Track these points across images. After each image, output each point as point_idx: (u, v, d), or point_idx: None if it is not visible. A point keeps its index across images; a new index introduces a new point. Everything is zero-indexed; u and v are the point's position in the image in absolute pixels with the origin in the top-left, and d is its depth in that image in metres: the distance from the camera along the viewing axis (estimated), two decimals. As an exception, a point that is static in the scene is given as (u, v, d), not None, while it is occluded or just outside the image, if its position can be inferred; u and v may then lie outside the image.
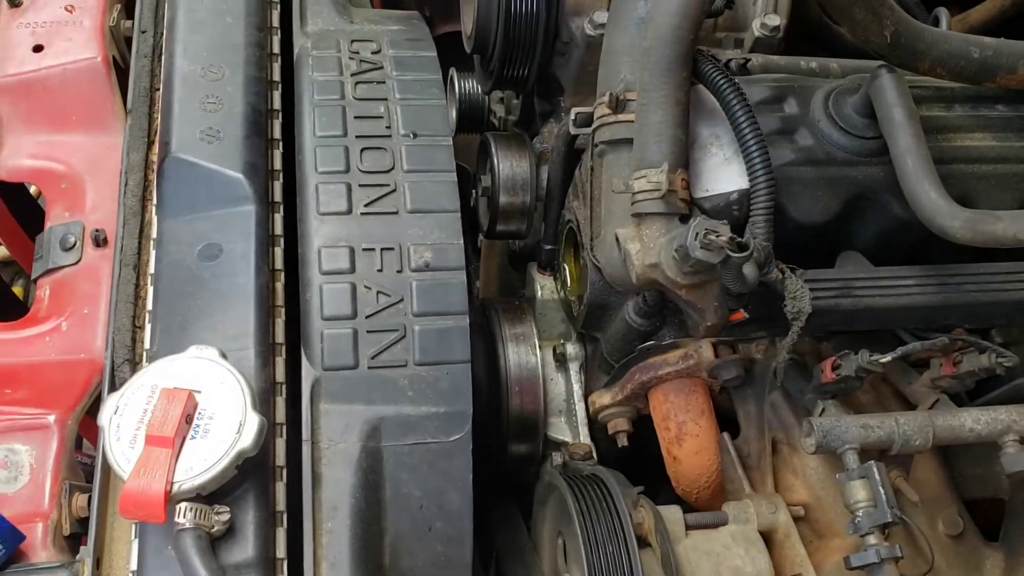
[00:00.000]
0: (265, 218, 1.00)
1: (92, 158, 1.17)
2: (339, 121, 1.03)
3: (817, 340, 1.15)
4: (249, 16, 1.11)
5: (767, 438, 1.14)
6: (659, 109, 0.95)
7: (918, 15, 1.41)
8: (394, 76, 1.07)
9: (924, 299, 1.03)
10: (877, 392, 1.15)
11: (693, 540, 1.02)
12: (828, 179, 1.04)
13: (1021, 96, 1.12)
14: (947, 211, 0.94)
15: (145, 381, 0.85)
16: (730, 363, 1.14)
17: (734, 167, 1.02)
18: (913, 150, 0.97)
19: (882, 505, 0.93)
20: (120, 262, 1.00)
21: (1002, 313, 1.07)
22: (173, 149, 1.00)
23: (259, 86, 1.07)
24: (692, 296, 0.95)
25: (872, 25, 0.99)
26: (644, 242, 0.96)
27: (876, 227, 1.07)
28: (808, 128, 1.06)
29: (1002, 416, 1.00)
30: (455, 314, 0.94)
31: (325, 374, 0.91)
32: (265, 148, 1.04)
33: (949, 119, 1.10)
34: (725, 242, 0.85)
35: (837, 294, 1.01)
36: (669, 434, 1.18)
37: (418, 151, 1.02)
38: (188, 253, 0.96)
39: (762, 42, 1.27)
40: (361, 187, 0.99)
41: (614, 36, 1.08)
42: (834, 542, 1.06)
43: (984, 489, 1.15)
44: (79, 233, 1.11)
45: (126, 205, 1.03)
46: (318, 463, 0.88)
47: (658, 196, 0.94)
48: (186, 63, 1.06)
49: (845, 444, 0.97)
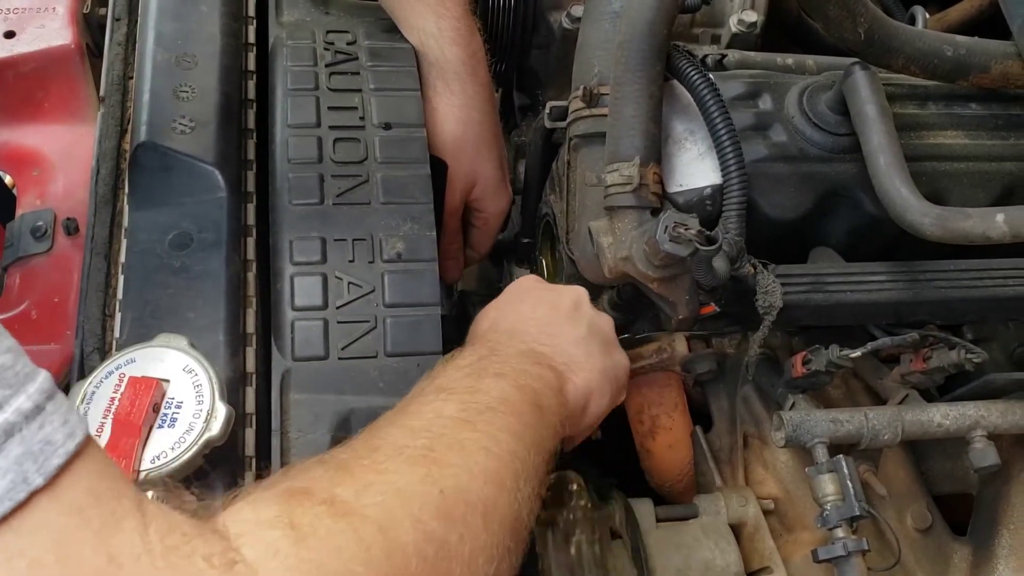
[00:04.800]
0: (237, 208, 0.99)
1: (64, 146, 1.16)
2: (312, 111, 1.02)
3: (789, 335, 1.16)
4: (224, 5, 1.10)
5: (739, 432, 1.15)
6: (632, 103, 0.95)
7: (896, 13, 1.43)
8: (369, 67, 1.07)
9: (895, 295, 1.03)
10: (848, 387, 1.15)
11: (663, 532, 1.02)
12: (801, 175, 1.05)
13: (994, 95, 1.13)
14: (918, 208, 0.94)
15: (113, 369, 0.85)
16: (703, 357, 1.15)
17: (708, 162, 1.02)
18: (885, 147, 0.98)
19: (850, 499, 0.94)
20: (91, 251, 0.99)
21: (972, 310, 1.08)
22: (145, 137, 0.99)
23: (234, 75, 1.07)
24: (663, 289, 0.95)
25: (846, 22, 1.00)
26: (616, 235, 0.96)
27: (848, 223, 1.08)
28: (782, 124, 1.06)
29: (970, 412, 1.02)
30: (427, 305, 0.94)
31: (295, 365, 0.91)
32: (239, 138, 1.04)
33: (922, 117, 1.10)
34: (694, 235, 0.86)
35: (808, 289, 1.01)
36: (643, 427, 1.19)
37: (392, 142, 1.02)
38: (159, 242, 0.95)
39: (739, 38, 1.28)
40: (333, 178, 0.98)
41: (589, 30, 1.08)
42: (803, 535, 1.07)
43: (953, 484, 1.17)
44: (50, 221, 1.10)
45: (98, 194, 1.03)
46: (287, 454, 0.88)
47: (630, 190, 0.94)
48: (160, 51, 1.05)
49: (814, 438, 0.98)
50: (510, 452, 0.72)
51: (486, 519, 0.66)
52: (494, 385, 0.79)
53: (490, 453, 0.71)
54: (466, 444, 0.71)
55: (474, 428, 0.73)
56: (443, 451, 0.69)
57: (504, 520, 0.68)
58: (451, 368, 0.82)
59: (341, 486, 0.62)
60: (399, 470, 0.65)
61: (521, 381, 0.81)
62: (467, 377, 0.80)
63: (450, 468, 0.67)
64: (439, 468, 0.67)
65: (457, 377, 0.81)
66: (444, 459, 0.68)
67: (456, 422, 0.73)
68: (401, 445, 0.69)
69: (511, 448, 0.73)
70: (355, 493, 0.61)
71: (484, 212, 1.21)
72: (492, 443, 0.72)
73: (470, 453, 0.70)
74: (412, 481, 0.65)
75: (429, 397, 0.77)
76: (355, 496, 0.61)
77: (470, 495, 0.67)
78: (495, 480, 0.69)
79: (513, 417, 0.76)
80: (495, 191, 1.19)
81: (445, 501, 0.64)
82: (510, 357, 0.85)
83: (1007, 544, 1.08)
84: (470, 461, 0.69)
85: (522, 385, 0.81)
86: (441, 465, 0.67)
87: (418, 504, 0.63)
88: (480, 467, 0.69)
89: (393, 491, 0.63)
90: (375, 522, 0.59)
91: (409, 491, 0.64)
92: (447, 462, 0.68)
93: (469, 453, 0.70)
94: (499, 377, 0.81)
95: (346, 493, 0.61)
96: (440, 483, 0.65)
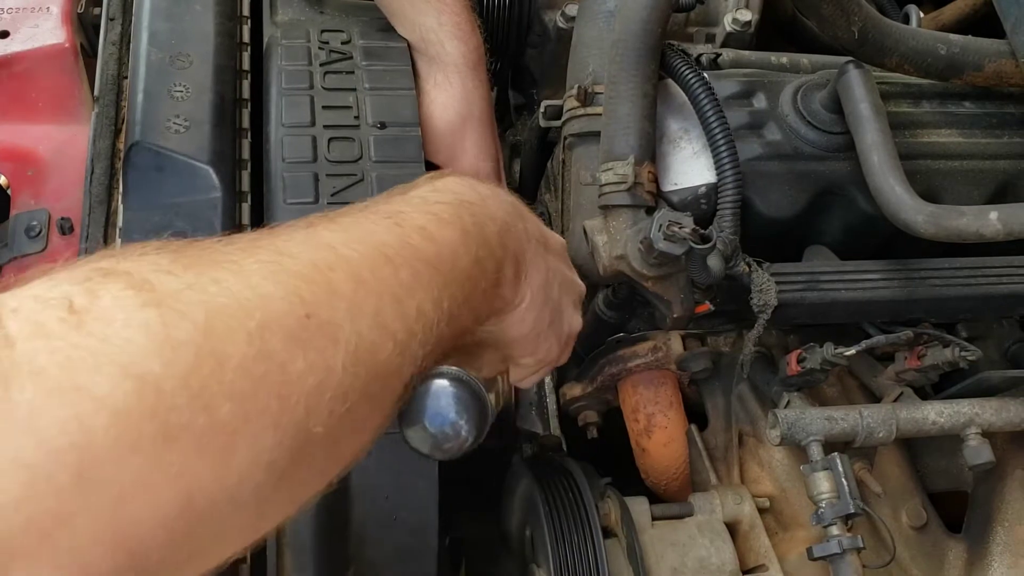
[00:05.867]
0: (232, 208, 0.99)
1: (59, 145, 1.15)
2: (307, 110, 1.02)
3: (784, 333, 1.16)
4: (218, 4, 1.10)
5: (734, 430, 1.15)
6: (627, 102, 0.95)
7: (890, 12, 1.43)
8: (364, 66, 1.07)
9: (889, 293, 1.03)
10: (843, 385, 1.16)
11: (659, 531, 1.02)
12: (796, 174, 1.05)
13: (988, 93, 1.13)
14: (911, 206, 0.94)
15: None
16: (699, 355, 1.15)
17: (703, 161, 1.02)
18: (879, 145, 0.98)
19: (845, 496, 0.94)
20: (86, 251, 0.99)
21: (967, 308, 1.08)
22: (140, 137, 0.99)
23: (228, 75, 1.07)
24: (658, 288, 0.96)
25: (839, 20, 1.00)
26: (611, 234, 0.96)
27: (843, 222, 1.08)
28: (776, 123, 1.06)
29: (965, 409, 1.02)
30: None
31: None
32: (233, 137, 1.04)
33: (916, 115, 1.11)
34: (688, 234, 0.86)
35: (803, 287, 1.01)
36: (638, 426, 1.19)
37: (386, 142, 1.02)
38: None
39: (734, 37, 1.28)
40: (328, 177, 0.98)
41: (583, 29, 1.09)
42: (799, 533, 1.07)
43: (948, 482, 1.17)
44: (45, 221, 1.10)
45: (92, 193, 1.03)
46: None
47: (624, 188, 0.94)
48: (154, 51, 1.05)
49: (809, 436, 0.98)
50: (418, 309, 0.60)
51: (353, 360, 0.54)
52: (442, 234, 0.66)
53: (397, 303, 0.59)
54: (369, 283, 0.58)
55: (395, 270, 0.60)
56: (340, 281, 0.56)
57: (376, 369, 0.56)
58: (414, 198, 0.70)
59: (171, 275, 0.48)
60: (266, 279, 0.52)
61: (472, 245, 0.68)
62: (422, 214, 0.67)
63: (337, 300, 0.55)
64: (321, 295, 0.54)
65: (413, 208, 0.68)
66: (336, 288, 0.55)
67: (377, 254, 0.60)
68: (290, 254, 0.55)
69: (419, 305, 0.60)
70: (185, 285, 0.48)
71: None
72: (405, 292, 0.59)
73: (368, 295, 0.57)
74: (273, 293, 0.51)
75: (370, 215, 0.65)
76: (182, 287, 0.48)
77: (342, 333, 0.54)
78: (386, 331, 0.57)
79: (440, 276, 0.63)
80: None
81: (305, 328, 0.52)
82: (481, 214, 0.72)
83: (1002, 541, 1.08)
84: (365, 304, 0.56)
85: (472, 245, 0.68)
86: (326, 293, 0.54)
87: (268, 318, 0.50)
88: (371, 313, 0.56)
89: (241, 296, 0.50)
90: (195, 321, 0.47)
91: (262, 301, 0.50)
92: (337, 292, 0.55)
93: (367, 294, 0.57)
94: (453, 228, 0.67)
95: (171, 283, 0.48)
96: (310, 308, 0.53)
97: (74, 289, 0.45)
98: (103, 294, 0.45)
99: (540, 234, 0.82)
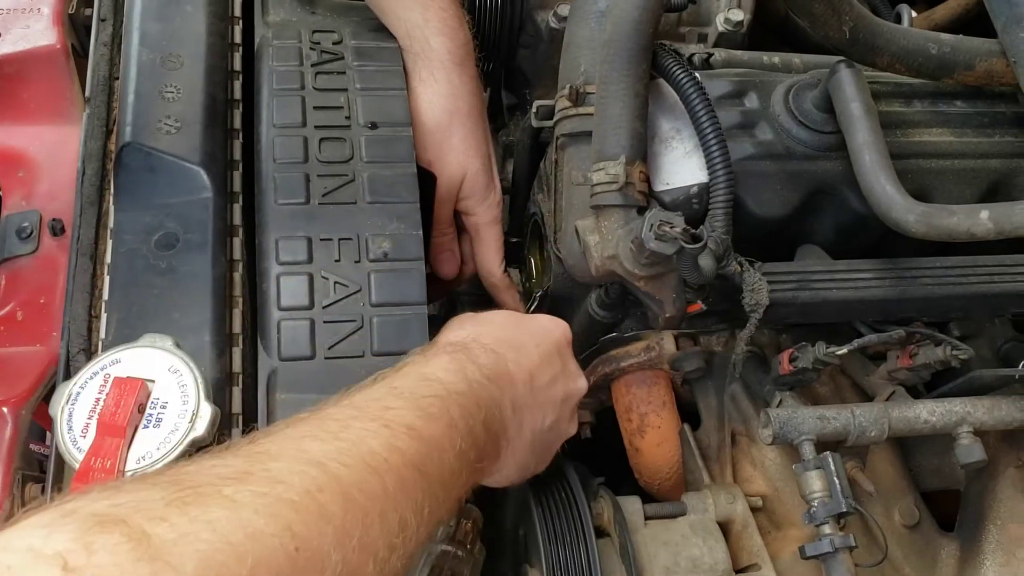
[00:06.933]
0: (224, 208, 0.99)
1: (50, 147, 1.15)
2: (298, 111, 1.02)
3: (777, 332, 1.16)
4: (210, 5, 1.10)
5: (727, 430, 1.15)
6: (618, 102, 0.95)
7: (882, 12, 1.43)
8: (355, 67, 1.07)
9: (881, 292, 1.04)
10: (835, 384, 1.16)
11: (651, 530, 1.02)
12: (787, 173, 1.05)
13: (979, 92, 1.13)
14: (903, 205, 0.94)
15: (98, 370, 0.85)
16: (691, 355, 1.15)
17: (694, 161, 1.02)
18: (870, 145, 0.98)
19: (837, 495, 0.94)
20: (77, 252, 0.99)
21: (958, 306, 1.08)
22: (131, 138, 0.99)
23: (219, 75, 1.07)
24: (650, 287, 0.96)
25: (831, 20, 1.00)
26: (603, 234, 0.96)
27: (835, 221, 1.08)
28: (768, 122, 1.06)
29: (956, 408, 1.02)
30: (413, 304, 0.94)
31: (282, 365, 0.90)
32: (225, 138, 1.04)
33: (908, 114, 1.11)
34: (679, 233, 0.86)
35: (795, 287, 1.01)
36: (631, 425, 1.19)
37: (378, 142, 1.02)
38: (145, 242, 0.95)
39: (725, 37, 1.28)
40: (319, 177, 0.98)
41: (575, 29, 1.08)
42: (791, 532, 1.07)
43: (940, 480, 1.17)
44: (36, 222, 1.10)
45: (83, 194, 1.02)
46: (274, 454, 0.88)
47: (616, 188, 0.94)
48: (145, 52, 1.05)
49: (801, 435, 0.98)
50: (400, 522, 0.62)
51: None
52: (429, 431, 0.68)
53: (383, 518, 0.61)
54: (358, 501, 0.60)
55: (381, 481, 0.62)
56: (329, 503, 0.58)
57: None
58: (404, 391, 0.73)
59: (165, 522, 0.50)
60: (259, 513, 0.54)
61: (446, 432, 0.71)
62: (411, 411, 0.70)
63: (325, 526, 0.57)
64: (312, 523, 0.56)
65: (404, 403, 0.71)
66: (325, 511, 0.57)
67: (364, 466, 0.62)
68: (282, 479, 0.57)
69: (402, 517, 0.63)
70: (179, 535, 0.50)
71: (474, 215, 1.19)
72: (390, 505, 0.62)
73: (356, 516, 0.59)
74: (264, 530, 0.53)
75: (360, 418, 0.67)
76: (176, 537, 0.50)
77: (328, 563, 0.56)
78: (369, 551, 0.59)
79: (424, 480, 0.66)
80: (484, 189, 1.17)
81: (294, 564, 0.54)
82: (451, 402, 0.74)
83: (994, 539, 1.08)
84: (352, 527, 0.58)
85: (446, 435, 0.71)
86: (317, 520, 0.56)
87: (259, 559, 0.52)
88: (357, 535, 0.58)
89: (233, 539, 0.51)
90: (187, 575, 0.49)
91: (254, 544, 0.52)
92: (326, 515, 0.57)
93: (355, 515, 0.59)
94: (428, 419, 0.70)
95: (166, 533, 0.50)
96: (300, 541, 0.54)
97: (69, 546, 0.47)
98: (98, 548, 0.47)
99: (528, 376, 0.86)
